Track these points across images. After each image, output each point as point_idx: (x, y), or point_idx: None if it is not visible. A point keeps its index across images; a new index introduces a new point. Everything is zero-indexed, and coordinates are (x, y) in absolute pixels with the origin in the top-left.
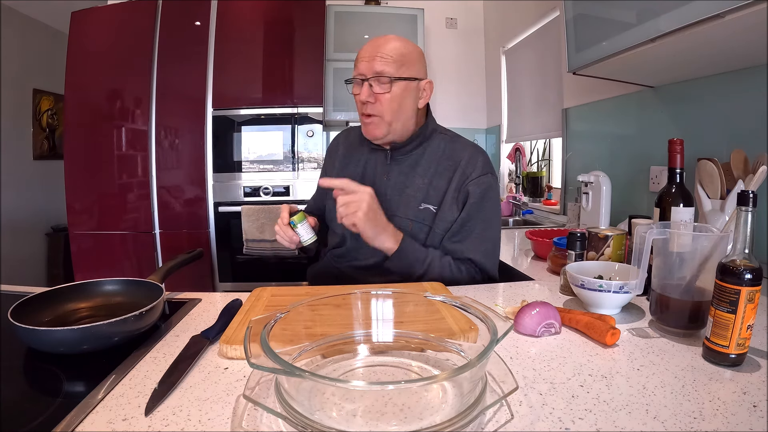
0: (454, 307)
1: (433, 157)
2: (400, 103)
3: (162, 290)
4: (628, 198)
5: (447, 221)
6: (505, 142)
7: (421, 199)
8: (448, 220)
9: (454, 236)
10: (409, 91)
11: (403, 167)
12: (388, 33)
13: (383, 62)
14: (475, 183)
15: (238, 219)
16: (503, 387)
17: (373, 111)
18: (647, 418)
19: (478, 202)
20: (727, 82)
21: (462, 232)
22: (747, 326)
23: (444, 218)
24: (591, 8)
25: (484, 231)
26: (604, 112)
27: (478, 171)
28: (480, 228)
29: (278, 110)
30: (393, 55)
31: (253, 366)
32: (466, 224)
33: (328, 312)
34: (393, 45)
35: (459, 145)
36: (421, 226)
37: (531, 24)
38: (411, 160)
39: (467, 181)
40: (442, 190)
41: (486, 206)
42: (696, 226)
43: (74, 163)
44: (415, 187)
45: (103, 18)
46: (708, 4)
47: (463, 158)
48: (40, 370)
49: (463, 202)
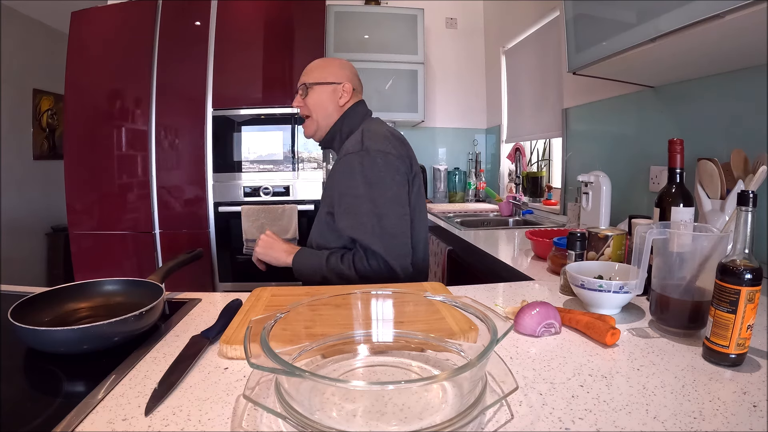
0: (454, 307)
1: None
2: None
3: (162, 290)
4: (628, 198)
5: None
6: (505, 142)
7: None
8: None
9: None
10: (324, 94)
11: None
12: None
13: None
14: (343, 162)
15: (238, 219)
16: (503, 387)
17: (303, 113)
18: (647, 418)
19: (346, 177)
20: (727, 82)
21: (340, 212)
22: (747, 326)
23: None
24: (591, 8)
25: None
26: (604, 112)
27: (351, 148)
28: (353, 204)
29: (278, 110)
30: (309, 68)
31: (253, 366)
32: (341, 201)
33: (328, 312)
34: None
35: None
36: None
37: (531, 24)
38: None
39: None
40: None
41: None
42: (696, 226)
43: (74, 163)
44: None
45: (103, 18)
46: (708, 4)
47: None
48: (40, 370)
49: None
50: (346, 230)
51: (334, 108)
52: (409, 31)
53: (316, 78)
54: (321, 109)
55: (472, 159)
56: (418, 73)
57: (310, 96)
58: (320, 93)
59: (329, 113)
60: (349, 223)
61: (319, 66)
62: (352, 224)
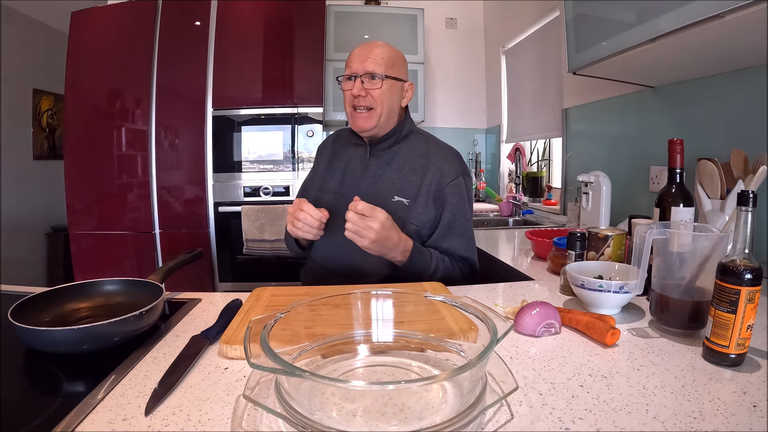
0: (454, 307)
1: (408, 155)
2: (388, 98)
3: (162, 290)
4: (628, 198)
5: (422, 216)
6: (505, 142)
7: (394, 192)
8: (424, 215)
9: (444, 236)
10: (395, 90)
11: (380, 162)
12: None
13: (374, 63)
14: (454, 185)
15: (238, 219)
16: (503, 387)
17: (365, 103)
18: (647, 418)
19: (459, 202)
20: (727, 82)
21: (451, 233)
22: (747, 326)
23: (418, 212)
24: (591, 8)
25: (469, 229)
26: (604, 112)
27: (455, 173)
28: (465, 227)
29: (278, 110)
30: (383, 57)
31: (253, 366)
32: (453, 224)
33: (328, 312)
34: (382, 49)
35: (433, 145)
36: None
37: (531, 24)
38: (387, 156)
39: (447, 184)
40: (416, 185)
41: (465, 206)
42: (696, 226)
43: (74, 163)
44: (389, 181)
45: (103, 18)
46: (708, 4)
47: (438, 157)
48: (40, 370)
49: (442, 203)
50: (459, 251)
51: (398, 106)
52: (409, 31)
53: (396, 72)
54: (388, 105)
55: (472, 159)
56: (418, 73)
57: (383, 88)
58: (392, 87)
59: (394, 111)
60: (463, 245)
61: (400, 60)
62: (466, 246)
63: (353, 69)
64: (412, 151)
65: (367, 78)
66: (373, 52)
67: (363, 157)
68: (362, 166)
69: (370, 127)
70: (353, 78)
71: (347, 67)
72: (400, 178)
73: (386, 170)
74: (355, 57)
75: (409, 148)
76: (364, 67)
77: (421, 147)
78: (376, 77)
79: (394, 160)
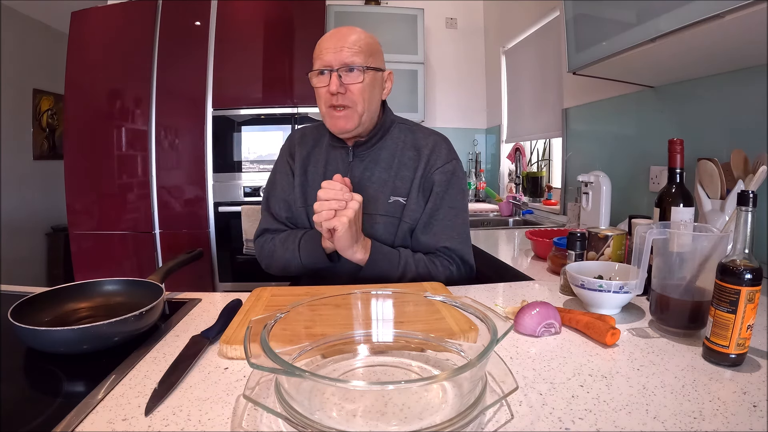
0: (454, 307)
1: (395, 149)
2: (370, 93)
3: (162, 290)
4: (628, 198)
5: (414, 214)
6: (505, 142)
7: (389, 193)
8: (416, 212)
9: (425, 228)
10: (376, 82)
11: (366, 163)
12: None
13: (351, 53)
14: (440, 171)
15: (238, 219)
16: (503, 387)
17: (345, 102)
18: (647, 418)
19: (444, 190)
20: (727, 82)
21: (432, 223)
22: (747, 326)
23: (411, 209)
24: (591, 8)
25: (454, 218)
26: (604, 112)
27: (443, 159)
28: (450, 216)
29: (278, 110)
30: (360, 45)
31: (253, 366)
32: (435, 214)
33: (328, 312)
34: (358, 36)
35: (420, 134)
36: (392, 220)
37: (531, 24)
38: (373, 155)
39: (433, 171)
40: (409, 179)
41: (452, 193)
42: (696, 226)
43: (74, 163)
44: (381, 181)
45: (103, 18)
46: (708, 4)
47: (427, 147)
48: (40, 370)
49: (429, 192)
50: (441, 243)
51: (378, 100)
52: (409, 31)
53: (376, 62)
54: (369, 100)
55: (472, 159)
56: (418, 73)
57: (365, 82)
58: (374, 80)
59: (375, 107)
60: (447, 235)
61: (377, 46)
62: (450, 236)
63: (326, 61)
64: (399, 144)
65: (345, 71)
66: (349, 39)
67: (344, 160)
68: (345, 170)
69: (351, 127)
70: (327, 72)
71: (317, 60)
72: (392, 176)
73: (375, 170)
74: (327, 47)
75: (393, 141)
76: (339, 58)
77: (407, 138)
78: (355, 69)
79: (381, 158)
